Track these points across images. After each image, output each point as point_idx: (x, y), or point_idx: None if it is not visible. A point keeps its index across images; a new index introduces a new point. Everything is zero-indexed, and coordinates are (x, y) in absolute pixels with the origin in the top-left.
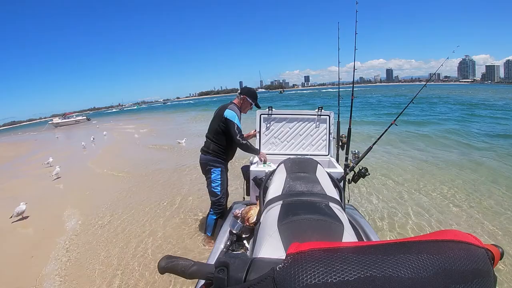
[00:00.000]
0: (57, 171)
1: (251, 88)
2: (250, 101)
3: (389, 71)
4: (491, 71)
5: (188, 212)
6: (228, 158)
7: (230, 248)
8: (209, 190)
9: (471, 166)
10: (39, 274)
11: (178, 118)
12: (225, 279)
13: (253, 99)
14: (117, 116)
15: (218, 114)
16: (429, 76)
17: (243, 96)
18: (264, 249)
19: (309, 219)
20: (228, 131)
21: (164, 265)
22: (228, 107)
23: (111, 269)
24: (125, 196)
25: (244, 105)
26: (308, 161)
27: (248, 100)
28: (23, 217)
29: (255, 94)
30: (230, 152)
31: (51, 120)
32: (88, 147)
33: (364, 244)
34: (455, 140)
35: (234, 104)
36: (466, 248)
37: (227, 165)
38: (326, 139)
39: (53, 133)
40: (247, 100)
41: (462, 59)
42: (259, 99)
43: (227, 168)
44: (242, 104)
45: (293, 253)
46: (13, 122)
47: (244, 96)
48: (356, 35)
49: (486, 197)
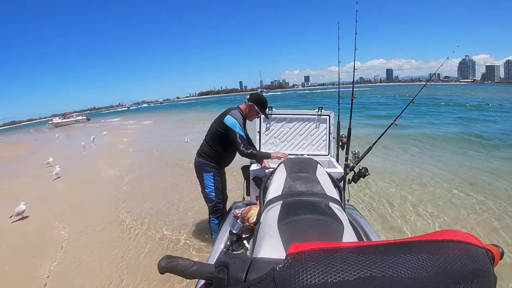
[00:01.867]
0: (57, 171)
1: (261, 95)
2: (258, 109)
3: (389, 71)
4: (491, 71)
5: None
6: (222, 164)
7: (230, 248)
8: (204, 196)
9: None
10: (39, 274)
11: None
12: (225, 279)
13: (261, 108)
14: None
15: (219, 118)
16: (429, 76)
17: (251, 103)
18: (264, 249)
19: (309, 219)
20: (230, 140)
21: (164, 265)
22: (230, 113)
23: (113, 269)
24: (125, 196)
25: (251, 113)
26: (308, 161)
27: (256, 109)
28: (23, 217)
29: (265, 103)
30: (224, 159)
31: (51, 120)
32: (88, 147)
33: (364, 244)
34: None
35: (239, 110)
36: (466, 248)
37: (221, 170)
38: (326, 139)
39: (53, 133)
40: (254, 108)
41: (462, 59)
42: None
43: (223, 173)
44: (248, 111)
45: (293, 253)
46: (13, 122)
47: (251, 104)
48: (356, 35)
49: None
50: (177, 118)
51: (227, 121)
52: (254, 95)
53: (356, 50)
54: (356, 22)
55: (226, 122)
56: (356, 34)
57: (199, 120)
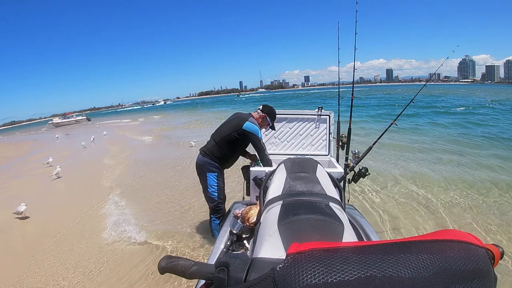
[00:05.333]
0: (57, 171)
1: (273, 108)
2: (269, 121)
3: (389, 71)
4: (491, 71)
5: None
6: (225, 166)
7: (230, 248)
8: (206, 195)
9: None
10: (40, 274)
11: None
12: (225, 279)
13: (272, 120)
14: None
15: (235, 124)
16: (429, 76)
17: (264, 114)
18: (264, 249)
19: (309, 219)
20: (245, 145)
21: (164, 265)
22: (249, 120)
23: (113, 268)
24: (125, 197)
25: (263, 123)
26: (308, 161)
27: (267, 120)
28: (23, 217)
29: (275, 116)
30: (230, 161)
31: (51, 120)
32: (88, 147)
33: (364, 244)
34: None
35: (253, 118)
36: (466, 247)
37: (223, 171)
38: (326, 139)
39: (53, 133)
40: (266, 120)
41: (462, 59)
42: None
43: (223, 173)
44: (261, 121)
45: (293, 253)
46: (13, 122)
47: (265, 115)
48: (356, 35)
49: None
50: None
51: (248, 127)
52: (268, 107)
53: (356, 50)
54: (356, 22)
55: (247, 129)
56: (356, 34)
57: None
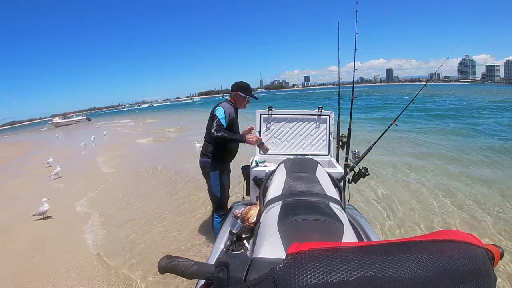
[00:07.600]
0: (57, 171)
1: (240, 81)
2: (243, 94)
3: (389, 71)
4: (491, 71)
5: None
6: (227, 159)
7: (230, 248)
8: (210, 193)
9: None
10: (40, 274)
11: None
12: (225, 279)
13: (245, 91)
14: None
15: (211, 115)
16: (429, 76)
17: (235, 92)
18: (264, 249)
19: (309, 219)
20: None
21: (164, 265)
22: (220, 105)
23: (113, 269)
24: (125, 196)
25: (239, 100)
26: (308, 161)
27: (241, 95)
28: (46, 217)
29: (246, 86)
30: (227, 151)
31: (51, 120)
32: (88, 147)
33: (364, 244)
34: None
35: (228, 102)
36: (466, 248)
37: (227, 166)
38: (326, 139)
39: (53, 133)
40: (239, 95)
41: (462, 59)
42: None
43: (229, 169)
44: (236, 100)
45: (293, 253)
46: (13, 122)
47: (235, 92)
48: (356, 35)
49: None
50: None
51: (215, 111)
52: (235, 85)
53: (356, 50)
54: (356, 22)
55: (215, 113)
56: (356, 34)
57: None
